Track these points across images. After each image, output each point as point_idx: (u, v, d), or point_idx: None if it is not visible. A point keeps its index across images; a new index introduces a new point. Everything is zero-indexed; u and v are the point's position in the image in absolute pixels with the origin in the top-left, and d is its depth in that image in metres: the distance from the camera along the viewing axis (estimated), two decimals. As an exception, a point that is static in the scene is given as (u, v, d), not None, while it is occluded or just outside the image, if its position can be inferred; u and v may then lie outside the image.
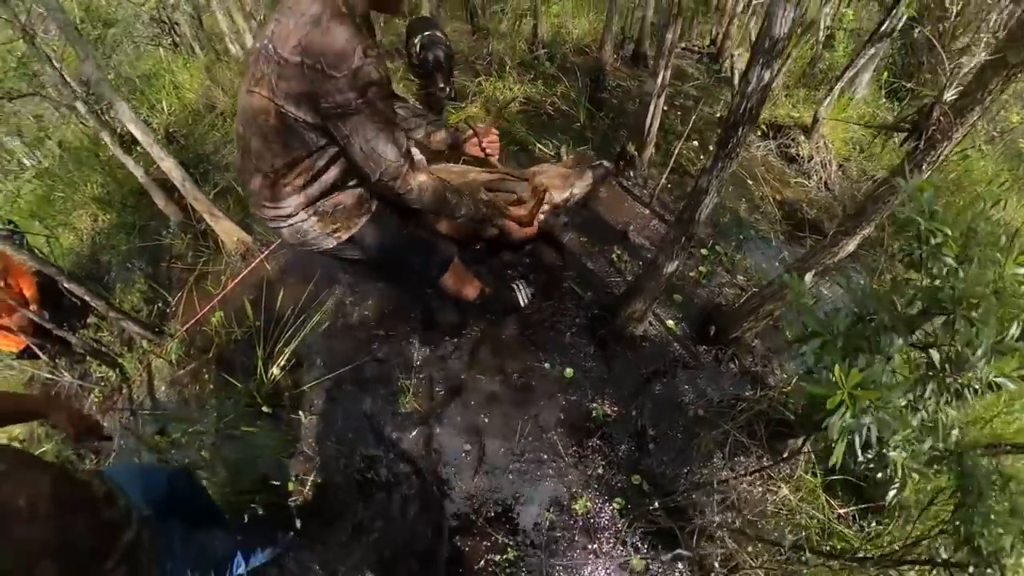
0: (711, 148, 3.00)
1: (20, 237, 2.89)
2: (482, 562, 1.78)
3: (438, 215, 1.42)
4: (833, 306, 2.25)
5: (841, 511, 1.70)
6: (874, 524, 1.70)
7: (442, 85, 3.13)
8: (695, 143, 3.03)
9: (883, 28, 2.64)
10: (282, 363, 2.33)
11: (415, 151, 1.66)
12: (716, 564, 1.59)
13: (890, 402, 0.83)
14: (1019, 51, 1.31)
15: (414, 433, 2.02)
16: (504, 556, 1.77)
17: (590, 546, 1.79)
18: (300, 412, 2.21)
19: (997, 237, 0.83)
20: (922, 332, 0.94)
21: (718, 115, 3.31)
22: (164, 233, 3.33)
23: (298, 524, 1.91)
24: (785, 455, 1.78)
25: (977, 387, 0.88)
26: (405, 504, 1.90)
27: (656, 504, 1.48)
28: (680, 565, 1.70)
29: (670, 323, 2.16)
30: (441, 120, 1.66)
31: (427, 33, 3.09)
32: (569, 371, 2.04)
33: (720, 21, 4.60)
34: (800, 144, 3.04)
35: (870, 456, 0.92)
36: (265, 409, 2.19)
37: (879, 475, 0.94)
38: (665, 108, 3.17)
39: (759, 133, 3.21)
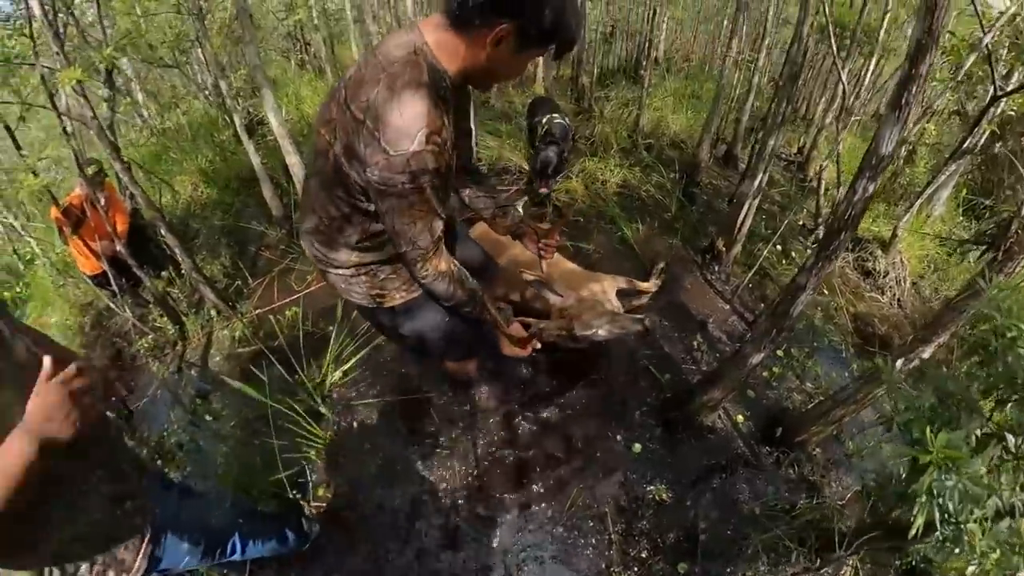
0: (792, 254, 3.08)
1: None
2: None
3: (443, 302, 1.32)
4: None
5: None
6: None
7: (544, 189, 3.12)
8: (778, 247, 3.10)
9: (965, 145, 2.65)
10: (346, 369, 2.37)
11: (515, 214, 1.61)
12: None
13: (972, 469, 0.92)
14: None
15: (465, 476, 1.99)
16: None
17: (619, 631, 1.69)
18: (353, 423, 2.21)
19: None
20: (995, 424, 1.03)
21: (800, 222, 3.40)
22: (260, 222, 3.51)
23: (314, 530, 1.83)
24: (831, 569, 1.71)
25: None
26: (438, 544, 1.83)
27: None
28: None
29: (739, 418, 2.14)
30: (510, 207, 1.63)
31: (556, 120, 3.09)
32: (637, 447, 2.01)
33: (808, 131, 4.81)
34: (877, 258, 3.08)
35: (947, 533, 0.97)
36: (323, 411, 2.21)
37: (955, 551, 0.97)
38: (752, 214, 3.29)
39: (839, 245, 3.25)
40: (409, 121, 0.93)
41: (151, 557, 1.05)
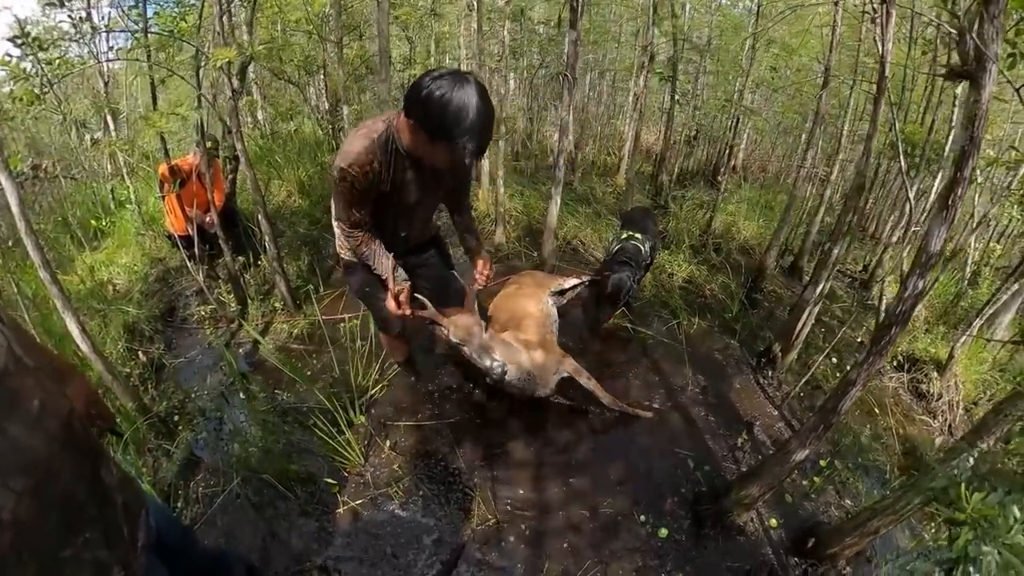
0: (847, 368, 2.98)
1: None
2: None
3: (353, 255, 1.82)
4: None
5: None
6: None
7: (602, 315, 2.93)
8: (833, 360, 3.01)
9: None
10: (385, 385, 2.46)
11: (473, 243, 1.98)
12: None
13: (1012, 538, 0.90)
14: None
15: (480, 522, 1.94)
16: None
17: None
18: (383, 436, 2.25)
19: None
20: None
21: (859, 339, 3.30)
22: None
23: None
24: None
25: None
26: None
27: None
28: None
29: (773, 522, 2.02)
30: (479, 246, 2.00)
31: (632, 242, 2.91)
32: (664, 531, 1.92)
33: (874, 250, 4.75)
34: (932, 380, 2.93)
35: None
36: (360, 418, 2.28)
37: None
38: (812, 322, 3.23)
39: (894, 364, 3.11)
40: (347, 149, 1.49)
41: None
